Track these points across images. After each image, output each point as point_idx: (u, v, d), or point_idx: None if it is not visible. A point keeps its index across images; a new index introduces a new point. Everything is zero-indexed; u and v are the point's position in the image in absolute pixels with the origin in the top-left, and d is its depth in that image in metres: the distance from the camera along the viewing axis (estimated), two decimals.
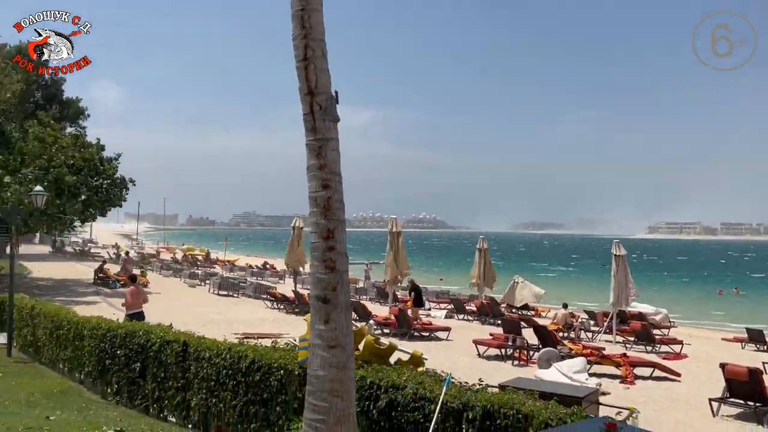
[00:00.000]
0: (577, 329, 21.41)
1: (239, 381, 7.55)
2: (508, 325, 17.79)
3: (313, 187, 5.00)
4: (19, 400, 9.49)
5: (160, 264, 42.51)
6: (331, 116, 5.01)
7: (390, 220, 20.47)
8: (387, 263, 20.10)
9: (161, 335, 8.92)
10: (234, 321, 20.26)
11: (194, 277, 34.33)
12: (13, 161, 25.97)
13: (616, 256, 20.26)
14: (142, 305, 14.57)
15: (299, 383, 6.82)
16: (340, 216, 5.01)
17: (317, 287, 4.95)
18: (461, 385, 6.02)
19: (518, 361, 15.82)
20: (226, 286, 29.40)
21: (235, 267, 44.27)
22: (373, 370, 6.43)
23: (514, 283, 28.21)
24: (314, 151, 4.99)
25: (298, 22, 4.99)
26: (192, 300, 26.39)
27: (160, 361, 8.82)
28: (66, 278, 32.93)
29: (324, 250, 4.93)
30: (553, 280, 56.93)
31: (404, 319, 18.93)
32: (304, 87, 5.01)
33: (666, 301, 33.87)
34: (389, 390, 6.06)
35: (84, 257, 51.92)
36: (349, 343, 4.93)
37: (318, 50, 5.00)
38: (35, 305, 13.53)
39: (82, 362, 10.81)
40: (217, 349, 7.97)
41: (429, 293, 32.19)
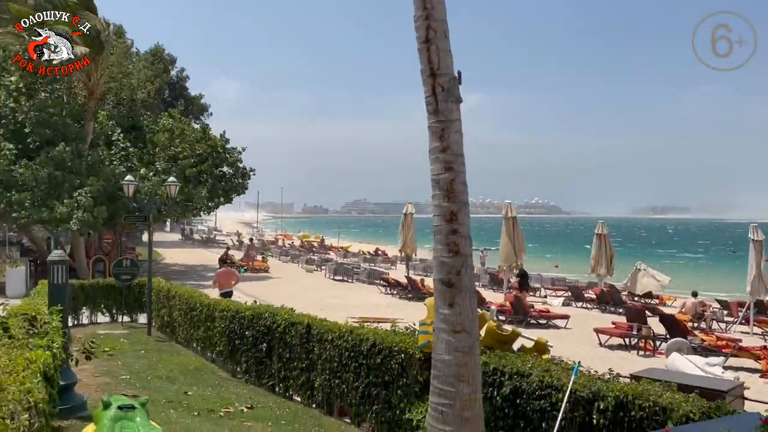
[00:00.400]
0: (709, 319, 19.95)
1: (361, 363, 7.70)
2: (631, 314, 16.92)
3: (436, 169, 4.94)
4: (160, 376, 10.26)
5: (279, 250, 44.47)
6: (453, 97, 4.92)
7: (504, 205, 20.04)
8: (502, 249, 19.69)
9: (286, 317, 9.28)
10: (350, 305, 20.77)
11: (311, 263, 35.60)
12: (147, 154, 28.11)
13: (754, 241, 18.62)
14: (232, 285, 16.39)
15: (420, 367, 6.85)
16: (463, 198, 4.93)
17: (441, 271, 4.90)
18: (590, 374, 5.76)
19: (644, 352, 15.02)
20: (340, 271, 30.23)
21: (348, 253, 45.42)
22: (496, 356, 6.31)
23: (636, 270, 26.76)
24: (437, 133, 4.93)
25: (420, 3, 4.93)
26: (309, 285, 27.38)
27: (285, 342, 9.19)
28: (195, 264, 35.33)
29: (447, 233, 4.87)
30: (679, 267, 53.51)
31: (520, 306, 18.53)
32: (427, 69, 4.95)
33: None
34: (513, 377, 5.92)
35: (210, 244, 55.42)
36: (474, 328, 4.86)
37: (440, 31, 4.91)
38: (171, 288, 14.56)
39: (213, 342, 11.50)
40: (339, 331, 8.17)
41: (545, 280, 31.31)
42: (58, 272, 7.44)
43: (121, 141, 26.92)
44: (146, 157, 27.95)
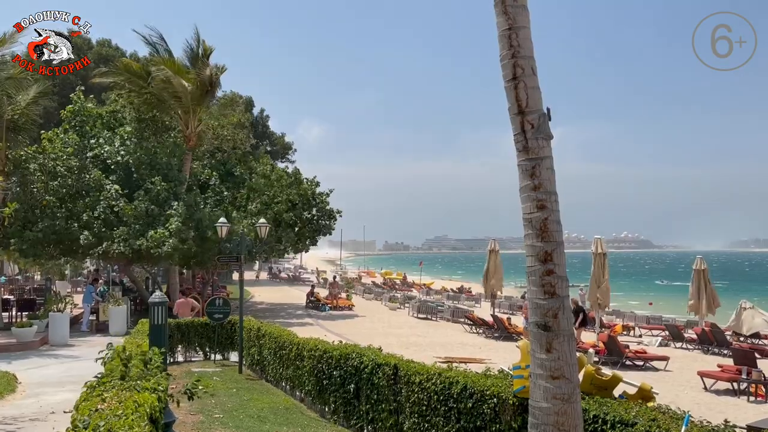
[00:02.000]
0: None
1: (450, 407, 7.50)
2: (739, 356, 15.69)
3: (528, 208, 4.82)
4: (252, 415, 10.42)
5: (362, 287, 44.80)
6: (543, 134, 4.83)
7: (594, 240, 19.35)
8: (592, 287, 18.94)
9: (373, 358, 9.22)
10: (435, 344, 20.50)
11: (394, 300, 35.58)
12: (240, 198, 29.39)
13: None
14: (191, 315, 17.96)
15: (514, 413, 6.58)
16: (557, 238, 4.77)
17: (537, 313, 4.73)
18: (703, 425, 5.33)
19: (755, 398, 13.85)
20: (424, 309, 29.99)
21: (431, 290, 45.09)
22: (595, 402, 5.96)
23: (741, 308, 24.96)
24: (527, 171, 4.83)
25: (506, 41, 4.91)
26: (393, 322, 27.30)
27: (372, 384, 9.12)
28: (282, 302, 36.13)
29: (542, 274, 4.71)
30: None
31: (614, 346, 17.64)
32: (514, 107, 4.89)
33: None
34: (617, 425, 5.56)
35: (295, 282, 56.64)
36: (574, 374, 4.64)
37: (527, 68, 4.86)
38: (261, 326, 14.88)
39: (302, 381, 11.59)
40: (426, 373, 8.02)
41: (638, 318, 29.77)
42: (158, 313, 7.77)
43: (217, 186, 28.36)
44: (240, 201, 29.25)
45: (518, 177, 4.95)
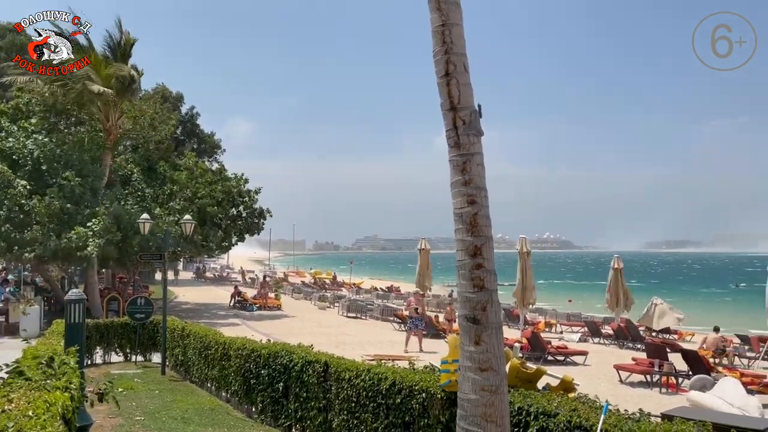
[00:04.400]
0: (731, 355, 19.51)
1: (380, 403, 7.51)
2: (652, 350, 16.56)
3: (459, 203, 4.88)
4: (175, 417, 10.09)
5: (292, 287, 44.31)
6: (475, 130, 4.90)
7: (519, 240, 19.90)
8: (518, 285, 19.49)
9: (303, 356, 9.12)
10: (364, 342, 20.52)
11: (324, 299, 35.39)
12: (162, 194, 28.34)
13: None
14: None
15: (442, 407, 6.66)
16: (486, 232, 4.85)
17: (466, 307, 4.80)
18: (620, 414, 5.56)
19: (666, 389, 14.64)
20: (354, 308, 29.98)
21: (361, 289, 45.16)
22: (520, 395, 6.12)
23: (652, 304, 26.35)
24: (458, 166, 4.89)
25: (439, 37, 4.95)
26: (323, 321, 27.15)
27: (302, 381, 9.02)
28: (208, 302, 35.22)
29: (472, 268, 4.78)
30: (696, 302, 52.67)
31: (538, 342, 18.22)
32: (446, 103, 4.94)
33: None
34: (540, 417, 5.72)
35: (222, 282, 55.36)
36: (501, 366, 4.73)
37: (459, 65, 4.92)
38: (185, 327, 14.44)
39: (228, 381, 11.33)
40: (356, 370, 8.00)
41: (560, 315, 30.92)
42: (74, 311, 7.38)
43: (138, 182, 27.21)
44: (162, 198, 28.20)
45: (449, 172, 5.01)
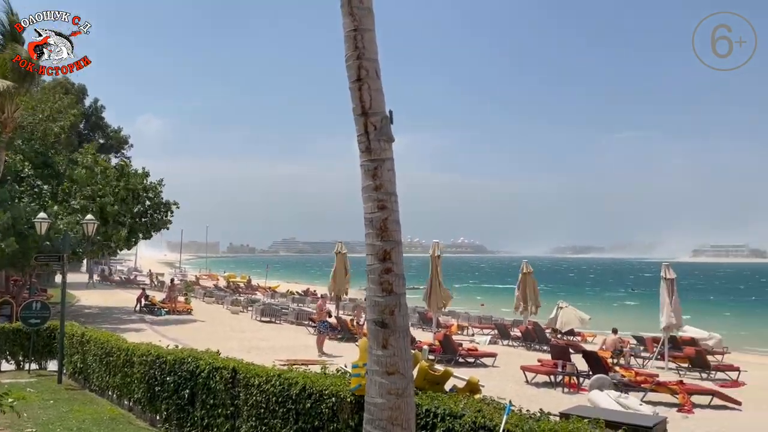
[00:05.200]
0: (627, 355, 20.70)
1: (289, 408, 7.41)
2: (556, 351, 17.30)
3: (369, 208, 4.90)
4: (70, 428, 9.55)
5: (203, 291, 43.04)
6: (386, 136, 4.94)
7: (433, 244, 20.26)
8: (428, 288, 19.81)
9: (210, 362, 8.87)
10: (278, 347, 20.24)
11: (237, 303, 34.59)
12: (61, 192, 26.76)
13: (666, 279, 19.60)
14: None
15: (351, 411, 6.66)
16: (396, 237, 4.90)
17: (374, 311, 4.82)
18: (522, 414, 5.76)
19: (568, 389, 15.32)
20: (268, 312, 29.51)
21: (276, 293, 44.53)
22: (428, 397, 6.22)
23: (558, 307, 27.60)
24: (369, 171, 4.91)
25: (351, 42, 4.97)
26: (235, 326, 26.53)
27: (209, 388, 8.76)
28: (112, 305, 33.59)
29: (381, 272, 4.82)
30: (599, 305, 55.55)
31: (449, 344, 18.60)
32: (358, 108, 4.96)
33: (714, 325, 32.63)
34: (446, 418, 5.84)
35: (129, 285, 52.98)
36: (408, 369, 4.78)
37: (371, 70, 4.95)
38: (85, 332, 13.70)
39: (131, 389, 10.84)
40: (266, 375, 7.87)
41: (472, 318, 31.73)
42: None
43: (32, 177, 25.54)
44: (60, 195, 26.61)
45: (361, 177, 5.03)
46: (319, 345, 19.52)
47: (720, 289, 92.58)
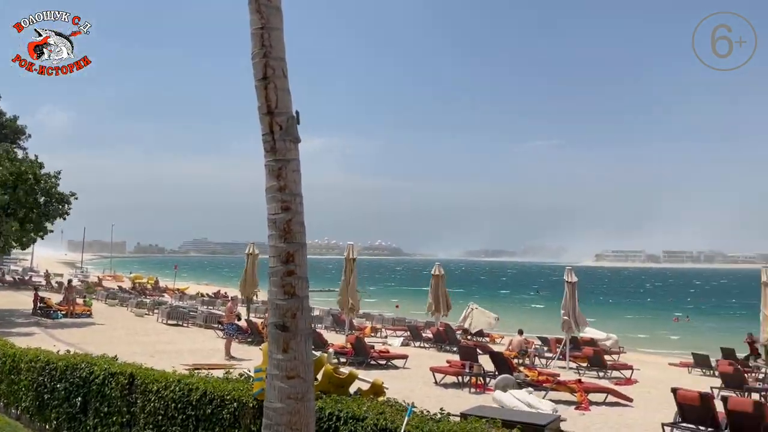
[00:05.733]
0: (532, 355, 21.51)
1: (189, 414, 7.17)
2: (464, 352, 17.71)
3: (273, 209, 4.82)
4: None
5: (106, 293, 40.96)
6: (291, 136, 4.87)
7: (347, 246, 20.26)
8: (343, 291, 19.80)
9: (106, 367, 8.45)
10: (184, 351, 19.56)
11: (142, 306, 33.12)
12: None
13: (569, 282, 20.54)
14: None
15: (253, 416, 6.52)
16: (300, 239, 4.84)
17: (276, 314, 4.74)
18: (423, 415, 5.85)
19: (475, 389, 15.71)
20: (175, 315, 28.44)
21: (185, 295, 43.07)
22: (332, 400, 6.19)
23: (469, 309, 28.34)
24: (274, 172, 4.83)
25: (258, 40, 4.87)
26: (139, 330, 25.42)
27: (103, 395, 8.34)
28: (4, 308, 31.33)
29: (283, 275, 4.74)
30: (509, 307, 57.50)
31: (361, 347, 18.64)
32: (264, 107, 4.87)
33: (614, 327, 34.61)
34: (349, 421, 5.84)
35: (23, 286, 49.62)
36: (309, 373, 4.72)
37: (278, 69, 4.88)
38: None
39: (18, 397, 10.14)
40: (165, 381, 7.58)
41: (386, 320, 31.98)
42: None
43: None
44: None
45: (265, 177, 4.93)
46: (226, 348, 19.05)
47: (620, 293, 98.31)
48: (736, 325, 35.81)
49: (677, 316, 53.06)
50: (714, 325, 47.58)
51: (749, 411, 10.42)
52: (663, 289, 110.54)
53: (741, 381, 16.99)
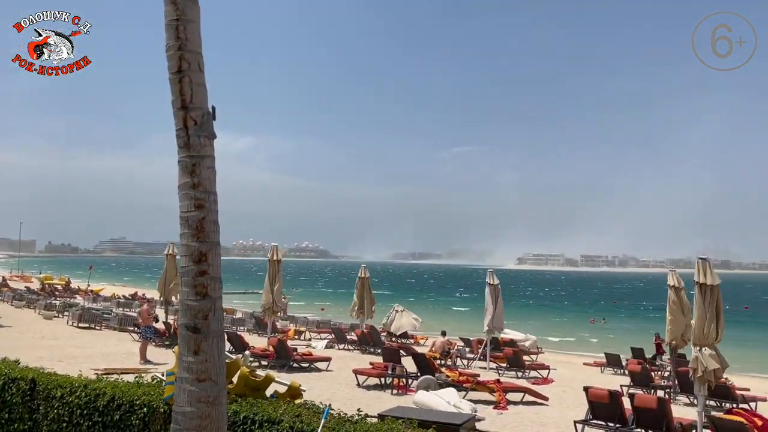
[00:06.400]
0: (454, 356, 21.90)
1: (96, 421, 6.85)
2: (387, 354, 17.80)
3: (185, 206, 4.66)
4: None
5: (12, 294, 38.60)
6: (207, 133, 4.72)
7: (271, 248, 19.93)
8: (266, 293, 19.48)
9: (6, 372, 7.93)
10: (96, 355, 18.67)
11: (51, 308, 31.40)
12: None
13: (491, 285, 21.07)
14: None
15: (164, 422, 6.30)
16: (214, 238, 4.70)
17: (187, 315, 4.58)
18: (340, 417, 5.82)
19: (397, 390, 15.82)
20: (87, 317, 27.12)
21: (99, 297, 41.19)
22: (247, 403, 6.06)
23: (393, 311, 28.56)
24: (187, 168, 4.67)
25: (173, 32, 4.70)
26: (48, 333, 24.07)
27: (3, 401, 7.83)
28: None
29: (195, 275, 4.59)
30: (434, 309, 58.37)
31: (283, 349, 18.39)
32: (178, 101, 4.70)
33: (533, 328, 35.81)
34: (264, 424, 5.73)
35: None
36: (221, 376, 4.59)
37: (194, 63, 4.72)
38: None
39: None
40: (70, 386, 7.20)
41: (310, 323, 31.76)
42: None
43: None
44: None
45: (178, 174, 4.77)
46: (142, 352, 18.34)
47: (539, 294, 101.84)
48: (649, 326, 37.79)
49: (594, 318, 55.52)
50: (629, 326, 50.12)
51: (654, 407, 11.00)
52: (581, 292, 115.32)
53: (648, 379, 17.96)
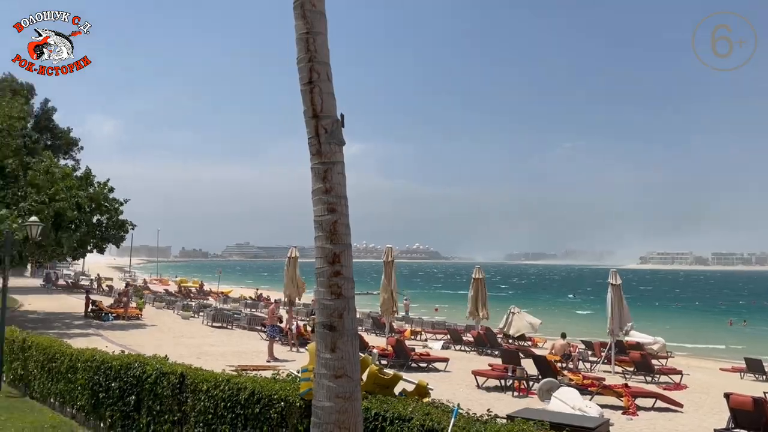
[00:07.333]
0: (576, 359, 21.19)
1: (238, 414, 7.33)
2: (506, 356, 17.57)
3: (319, 211, 4.90)
4: None
5: (153, 296, 42.06)
6: (336, 140, 4.95)
7: (386, 249, 20.31)
8: (382, 293, 19.86)
9: (158, 367, 8.69)
10: (229, 353, 19.93)
11: (187, 309, 33.92)
12: (12, 195, 25.78)
13: (613, 285, 20.15)
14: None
15: (300, 416, 6.63)
16: (346, 240, 4.91)
17: (323, 314, 4.81)
18: (470, 416, 5.84)
19: (518, 392, 15.57)
20: (219, 317, 29.03)
21: (229, 298, 43.88)
22: (377, 400, 6.24)
23: (510, 313, 28.06)
24: (319, 174, 4.91)
25: (303, 45, 4.97)
26: (186, 332, 26.01)
27: (155, 394, 8.58)
28: (58, 311, 32.48)
29: (330, 275, 4.81)
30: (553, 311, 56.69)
31: (402, 349, 18.66)
32: (309, 110, 4.96)
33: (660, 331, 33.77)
34: (395, 421, 5.87)
35: (75, 290, 51.30)
36: (356, 373, 4.78)
37: (323, 73, 4.96)
38: (27, 338, 13.22)
39: (74, 396, 10.51)
40: (215, 380, 7.76)
41: (425, 324, 31.94)
42: None
43: None
44: (10, 198, 25.63)
45: (311, 180, 5.02)
46: (269, 350, 19.32)
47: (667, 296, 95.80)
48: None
49: (732, 320, 51.43)
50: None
51: None
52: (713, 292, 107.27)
53: None
